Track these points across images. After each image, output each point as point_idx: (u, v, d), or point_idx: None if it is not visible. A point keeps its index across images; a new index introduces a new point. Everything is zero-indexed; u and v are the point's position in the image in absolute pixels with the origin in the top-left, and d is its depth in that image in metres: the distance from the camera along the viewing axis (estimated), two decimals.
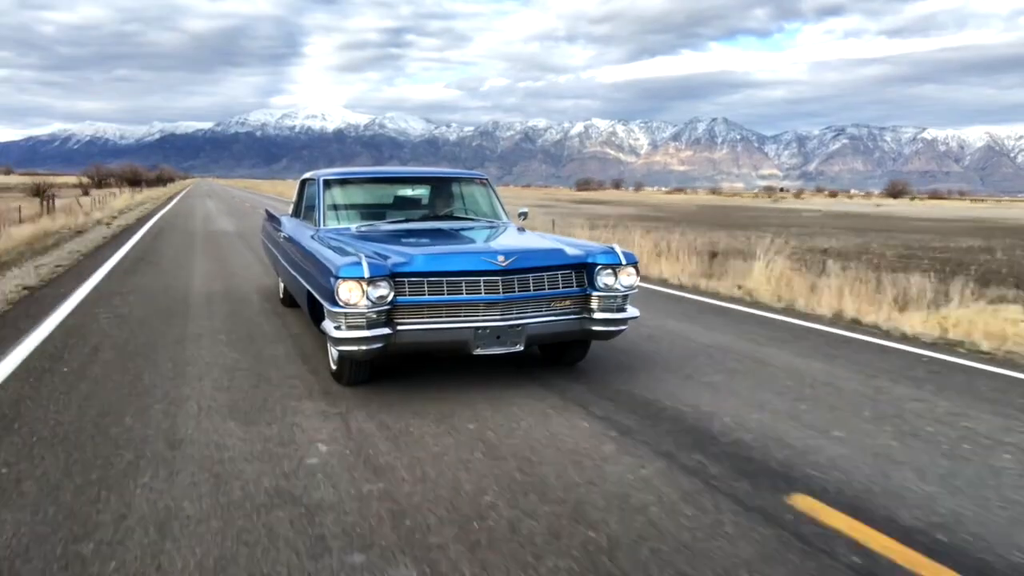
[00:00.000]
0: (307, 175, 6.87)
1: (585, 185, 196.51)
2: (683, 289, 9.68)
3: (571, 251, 4.80)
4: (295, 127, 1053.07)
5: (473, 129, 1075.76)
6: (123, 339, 5.93)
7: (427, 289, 4.31)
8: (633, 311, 4.87)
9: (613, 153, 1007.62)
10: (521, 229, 5.97)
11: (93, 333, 6.12)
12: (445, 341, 4.37)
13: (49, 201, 23.11)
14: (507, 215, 6.24)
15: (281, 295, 7.68)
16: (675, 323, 7.17)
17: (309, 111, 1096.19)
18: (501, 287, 4.37)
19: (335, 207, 5.83)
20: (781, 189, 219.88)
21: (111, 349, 5.58)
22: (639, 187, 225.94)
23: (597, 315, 4.67)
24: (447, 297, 4.32)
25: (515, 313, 4.44)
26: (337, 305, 4.13)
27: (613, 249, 4.82)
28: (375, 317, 4.17)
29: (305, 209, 6.51)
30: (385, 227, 5.61)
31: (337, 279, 4.11)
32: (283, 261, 6.54)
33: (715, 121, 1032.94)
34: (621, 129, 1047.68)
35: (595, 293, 4.67)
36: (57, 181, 63.33)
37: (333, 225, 5.62)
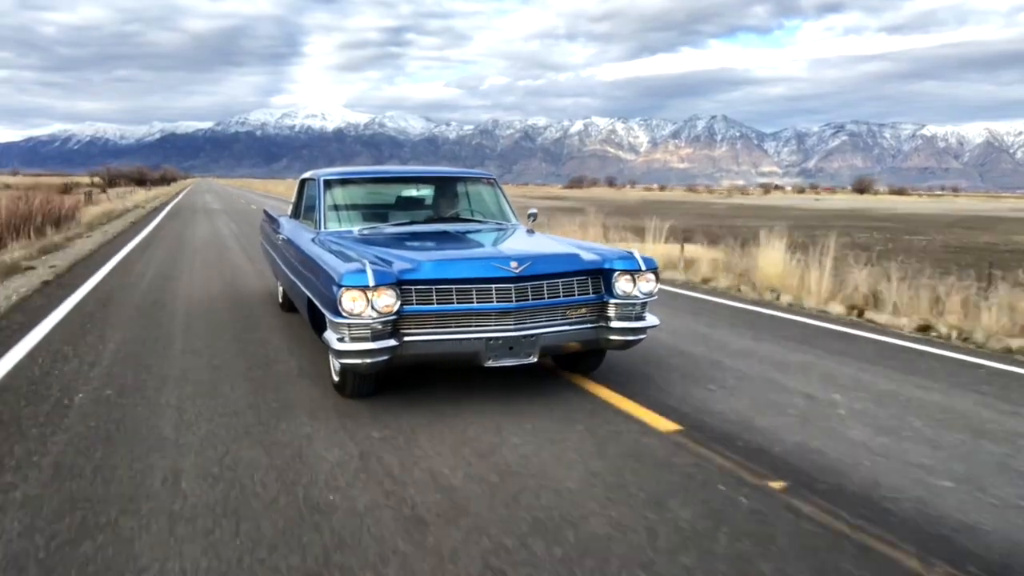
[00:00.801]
0: (307, 175, 6.60)
1: (577, 183, 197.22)
2: None
3: (587, 256, 4.53)
4: (295, 126, 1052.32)
5: (473, 128, 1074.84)
6: (176, 233, 17.14)
7: (436, 298, 4.04)
8: (652, 319, 4.59)
9: (613, 151, 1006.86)
10: (530, 231, 5.71)
11: (164, 235, 16.54)
12: (454, 353, 4.11)
13: (87, 195, 30.00)
14: (516, 216, 5.97)
15: (280, 299, 7.41)
16: None
17: (309, 110, 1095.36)
18: (514, 295, 4.10)
19: (336, 208, 5.55)
20: (776, 186, 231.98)
21: (173, 238, 15.90)
22: (633, 185, 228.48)
23: (614, 324, 4.41)
24: (457, 306, 4.05)
25: (529, 322, 4.17)
26: (340, 315, 3.86)
27: (632, 254, 4.54)
28: (380, 328, 3.90)
29: (305, 210, 6.23)
30: (389, 230, 5.33)
31: (340, 288, 3.84)
32: (282, 265, 6.26)
33: (714, 119, 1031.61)
34: (621, 127, 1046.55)
35: (612, 300, 4.41)
36: (78, 181, 68.66)
37: (334, 227, 5.35)
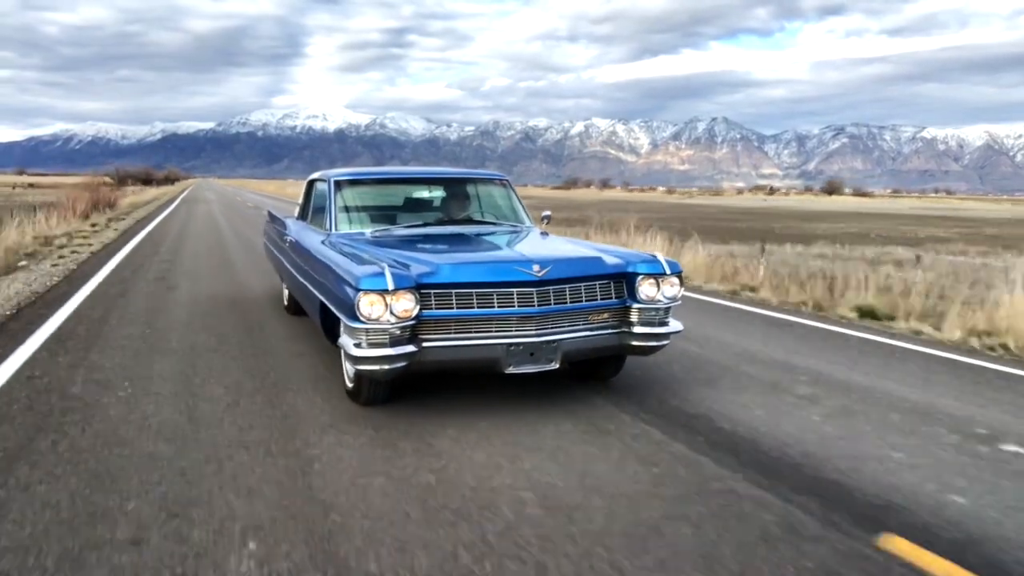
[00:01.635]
0: (315, 175, 6.46)
1: (571, 184, 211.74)
2: None
3: (610, 260, 4.38)
4: (296, 127, 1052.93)
5: (474, 129, 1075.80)
6: (185, 211, 27.57)
7: (455, 302, 3.89)
8: (676, 325, 4.45)
9: (613, 153, 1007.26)
10: (544, 233, 5.58)
11: (177, 212, 26.62)
12: (474, 359, 3.96)
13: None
14: (530, 218, 5.84)
15: (285, 302, 7.25)
16: None
17: (310, 111, 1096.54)
18: (536, 299, 3.95)
19: (347, 210, 5.40)
20: (771, 188, 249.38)
21: (184, 213, 26.35)
22: (627, 186, 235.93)
23: (637, 329, 4.26)
24: (477, 311, 3.90)
25: (550, 328, 4.02)
26: (358, 320, 3.72)
27: (656, 257, 4.40)
28: (399, 333, 3.76)
29: (313, 212, 6.09)
30: (402, 232, 5.18)
31: (358, 291, 3.69)
32: (289, 267, 6.11)
33: (715, 120, 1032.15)
34: (621, 129, 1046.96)
35: (635, 305, 4.26)
36: (94, 181, 76.73)
37: (345, 229, 5.20)
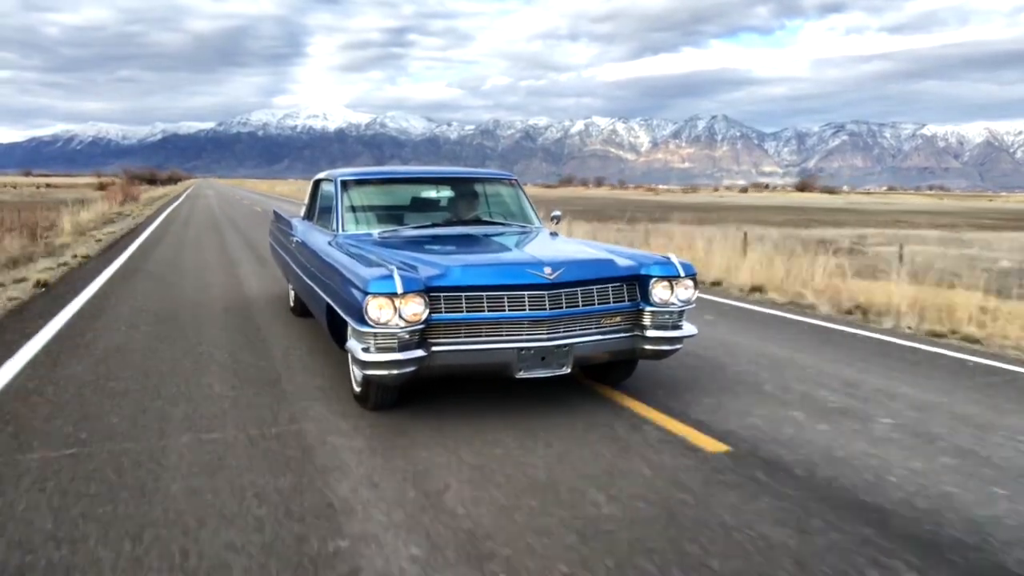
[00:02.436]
0: (321, 175, 6.38)
1: (567, 182, 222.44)
2: None
3: (622, 262, 4.29)
4: (296, 127, 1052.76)
5: (474, 128, 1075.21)
6: (193, 203, 34.18)
7: (465, 305, 3.81)
8: (690, 328, 4.37)
9: (614, 151, 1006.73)
10: (554, 234, 5.50)
11: (185, 203, 34.92)
12: (485, 363, 3.89)
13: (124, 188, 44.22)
14: (539, 218, 5.76)
15: (291, 303, 7.18)
16: None
17: (310, 111, 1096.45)
18: (548, 303, 3.87)
19: (354, 210, 5.32)
20: (766, 186, 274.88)
21: (190, 203, 34.85)
22: (623, 184, 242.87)
23: (650, 333, 4.18)
24: (488, 314, 3.82)
25: (562, 331, 3.94)
26: (366, 324, 3.64)
27: (669, 259, 4.31)
28: (408, 338, 3.68)
29: (320, 212, 6.01)
30: (410, 233, 5.10)
31: (367, 295, 3.61)
32: (296, 268, 6.03)
33: (715, 119, 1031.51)
34: (621, 127, 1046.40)
35: (648, 308, 4.18)
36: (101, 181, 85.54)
37: (352, 230, 5.12)
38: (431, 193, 6.00)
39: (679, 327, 4.30)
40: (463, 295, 3.81)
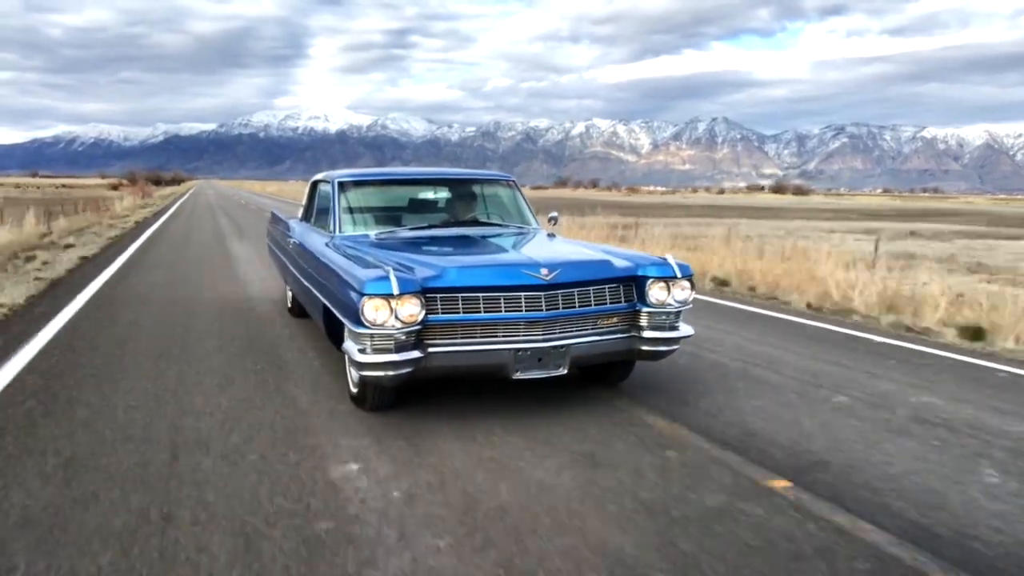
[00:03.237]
0: (319, 176, 6.38)
1: (562, 184, 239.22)
2: None
3: (619, 263, 4.29)
4: (298, 128, 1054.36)
5: (475, 129, 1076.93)
6: (194, 199, 42.57)
7: (462, 307, 3.80)
8: (687, 329, 4.36)
9: (615, 153, 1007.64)
10: (551, 235, 5.49)
11: (190, 199, 42.84)
12: (481, 365, 3.88)
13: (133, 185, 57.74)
14: (536, 219, 5.75)
15: (289, 304, 7.17)
16: None
17: (312, 112, 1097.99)
18: (544, 304, 3.86)
19: (351, 211, 5.31)
20: (761, 188, 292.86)
21: (193, 200, 41.93)
22: (616, 187, 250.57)
23: (647, 333, 4.17)
24: (484, 315, 3.82)
25: (558, 332, 3.93)
26: (362, 325, 3.63)
27: (666, 260, 4.31)
28: (404, 339, 3.67)
29: (317, 213, 6.00)
30: (407, 234, 5.09)
31: (362, 296, 3.61)
32: (293, 269, 6.03)
33: (715, 121, 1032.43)
34: (622, 129, 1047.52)
35: (645, 309, 4.17)
36: (107, 182, 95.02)
37: (349, 231, 5.11)
38: (429, 194, 5.99)
39: (676, 328, 4.30)
40: (459, 296, 3.80)
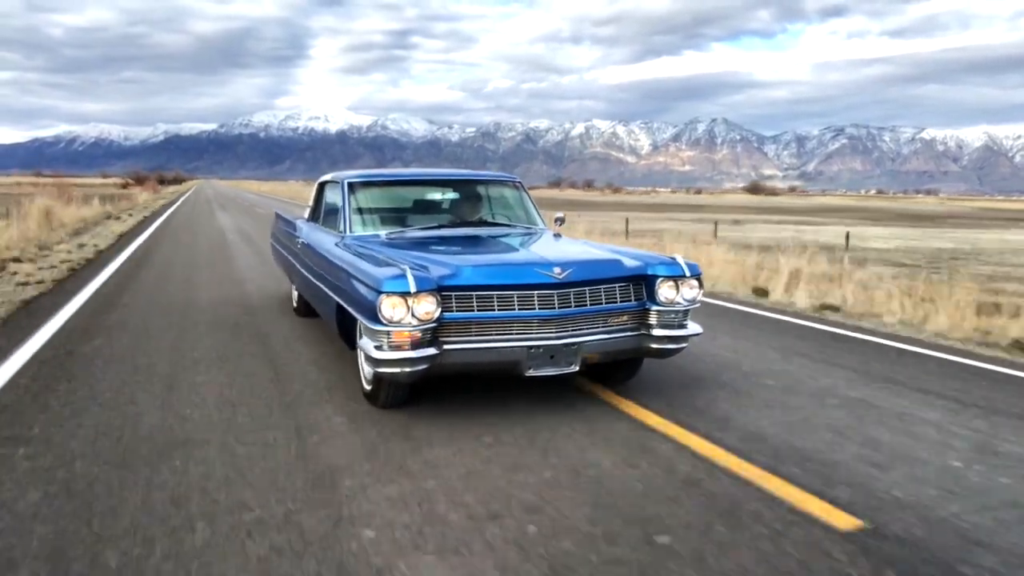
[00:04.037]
0: (326, 177, 6.45)
1: (555, 185, 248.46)
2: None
3: (629, 262, 4.36)
4: (298, 129, 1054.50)
5: (475, 130, 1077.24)
6: (196, 195, 52.28)
7: (476, 304, 3.88)
8: (695, 327, 4.43)
9: (614, 154, 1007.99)
10: (557, 235, 5.56)
11: (194, 195, 52.33)
12: (494, 362, 3.95)
13: (143, 184, 67.04)
14: (543, 220, 5.83)
15: (295, 303, 7.24)
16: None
17: (312, 112, 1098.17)
18: (557, 302, 3.94)
19: (361, 212, 5.38)
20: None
21: (195, 195, 51.42)
22: (610, 187, 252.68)
23: (656, 332, 4.24)
24: (498, 313, 3.89)
25: (570, 330, 4.01)
26: (379, 323, 3.71)
27: (675, 260, 4.38)
28: (420, 336, 3.75)
29: (325, 213, 6.07)
30: (417, 234, 5.15)
31: (380, 294, 3.68)
32: (301, 269, 6.09)
33: (715, 122, 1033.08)
34: (622, 130, 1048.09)
35: (654, 308, 4.24)
36: (112, 181, 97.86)
37: (360, 231, 5.18)
38: (437, 195, 6.06)
39: (684, 326, 4.37)
40: (474, 294, 3.88)
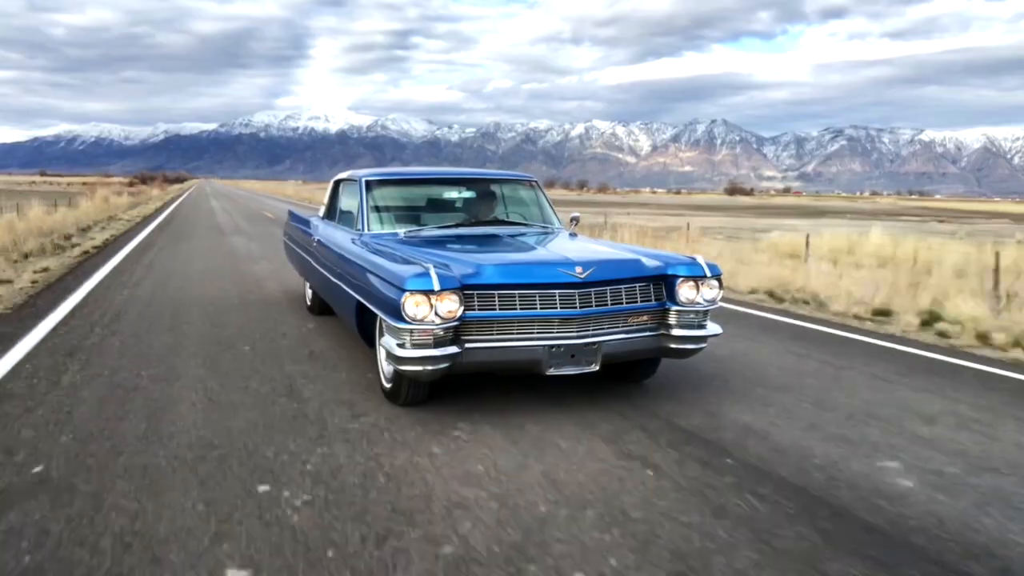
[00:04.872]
0: (342, 175, 6.46)
1: (549, 185, 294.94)
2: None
3: (649, 262, 4.36)
4: (298, 128, 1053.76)
5: (475, 130, 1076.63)
6: (198, 192, 60.89)
7: (498, 303, 3.89)
8: (715, 328, 4.44)
9: (614, 155, 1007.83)
10: (573, 234, 5.57)
11: (196, 192, 60.52)
12: (516, 360, 3.96)
13: (150, 184, 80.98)
14: (559, 220, 5.84)
15: (308, 302, 7.26)
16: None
17: (312, 112, 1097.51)
18: (578, 301, 3.95)
19: (378, 210, 5.39)
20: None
21: (197, 192, 60.64)
22: (599, 186, 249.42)
23: (675, 332, 4.25)
24: (520, 312, 3.90)
25: (591, 330, 4.02)
26: (403, 321, 3.71)
27: (696, 260, 4.39)
28: (443, 334, 3.76)
29: (341, 212, 6.09)
30: (434, 232, 5.16)
31: (403, 292, 3.69)
32: (317, 267, 6.10)
33: (714, 123, 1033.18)
34: (621, 131, 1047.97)
35: (674, 308, 4.25)
36: (115, 180, 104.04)
37: (377, 229, 5.19)
38: (453, 194, 6.05)
39: (704, 326, 4.37)
40: (496, 293, 3.88)
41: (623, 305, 4.15)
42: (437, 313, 3.71)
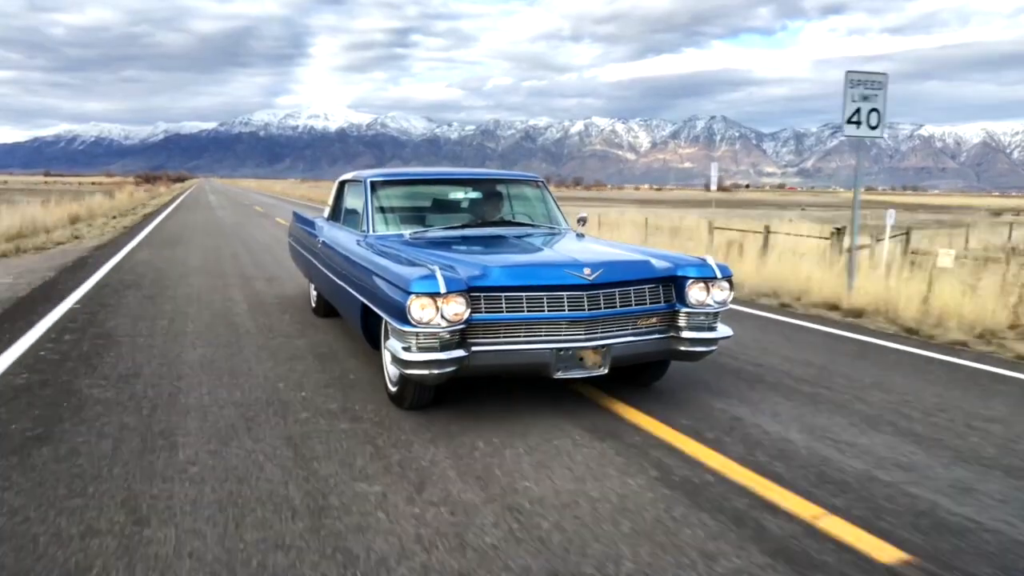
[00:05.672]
0: (347, 176, 6.40)
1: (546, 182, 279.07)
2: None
3: (659, 263, 4.29)
4: (298, 127, 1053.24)
5: (475, 128, 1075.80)
6: (198, 190, 68.55)
7: (505, 306, 3.82)
8: (725, 330, 4.37)
9: (614, 151, 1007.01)
10: (580, 235, 5.49)
11: (198, 189, 69.28)
12: (523, 363, 3.89)
13: (155, 183, 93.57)
14: (566, 220, 5.76)
15: (313, 304, 7.19)
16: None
17: (312, 111, 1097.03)
18: (587, 303, 3.88)
19: (383, 211, 5.32)
20: (747, 185, 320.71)
21: (197, 190, 68.13)
22: (595, 184, 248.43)
23: (686, 334, 4.18)
24: (527, 315, 3.83)
25: (600, 332, 3.95)
26: (408, 324, 3.65)
27: (706, 261, 4.32)
28: (449, 337, 3.69)
29: (346, 212, 6.01)
30: (440, 233, 5.09)
31: (409, 294, 3.62)
32: (322, 269, 6.02)
33: (713, 119, 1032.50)
34: (621, 127, 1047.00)
35: (684, 310, 4.18)
36: (124, 180, 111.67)
37: (383, 231, 5.12)
38: (459, 194, 5.97)
39: (714, 328, 4.30)
40: (503, 295, 3.82)
41: (632, 307, 4.08)
42: (443, 316, 3.64)
